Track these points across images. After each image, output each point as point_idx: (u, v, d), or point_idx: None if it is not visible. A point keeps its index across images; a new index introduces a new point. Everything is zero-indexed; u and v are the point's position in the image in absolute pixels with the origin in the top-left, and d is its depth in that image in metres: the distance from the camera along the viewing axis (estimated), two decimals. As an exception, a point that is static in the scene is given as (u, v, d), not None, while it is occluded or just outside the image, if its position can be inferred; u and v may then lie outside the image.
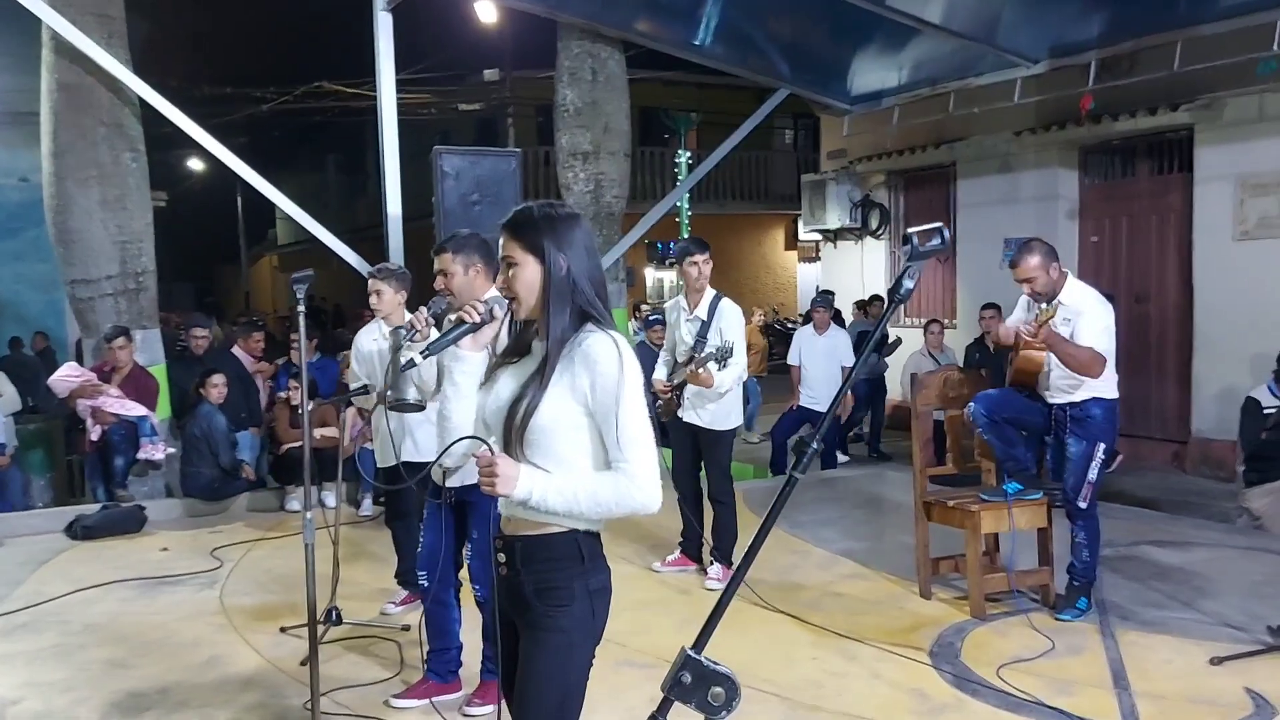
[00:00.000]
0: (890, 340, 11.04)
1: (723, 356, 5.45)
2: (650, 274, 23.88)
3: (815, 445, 1.92)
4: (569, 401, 2.30)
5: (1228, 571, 5.75)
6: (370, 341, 5.30)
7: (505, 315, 2.47)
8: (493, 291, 4.04)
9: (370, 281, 5.13)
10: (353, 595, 5.48)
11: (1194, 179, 9.36)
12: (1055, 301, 4.67)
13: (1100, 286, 9.37)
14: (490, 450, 2.28)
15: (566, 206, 2.45)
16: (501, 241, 2.41)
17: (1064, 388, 4.90)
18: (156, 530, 7.33)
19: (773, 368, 14.53)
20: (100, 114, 7.88)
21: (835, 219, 13.01)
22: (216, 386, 7.83)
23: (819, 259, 18.78)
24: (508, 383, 2.42)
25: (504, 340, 2.54)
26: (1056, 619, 4.93)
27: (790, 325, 19.85)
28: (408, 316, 4.97)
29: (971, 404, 5.02)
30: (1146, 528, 6.76)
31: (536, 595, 2.35)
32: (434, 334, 4.44)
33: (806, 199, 13.48)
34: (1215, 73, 8.38)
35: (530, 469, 2.29)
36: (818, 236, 14.30)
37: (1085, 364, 4.69)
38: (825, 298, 9.65)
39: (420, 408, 4.39)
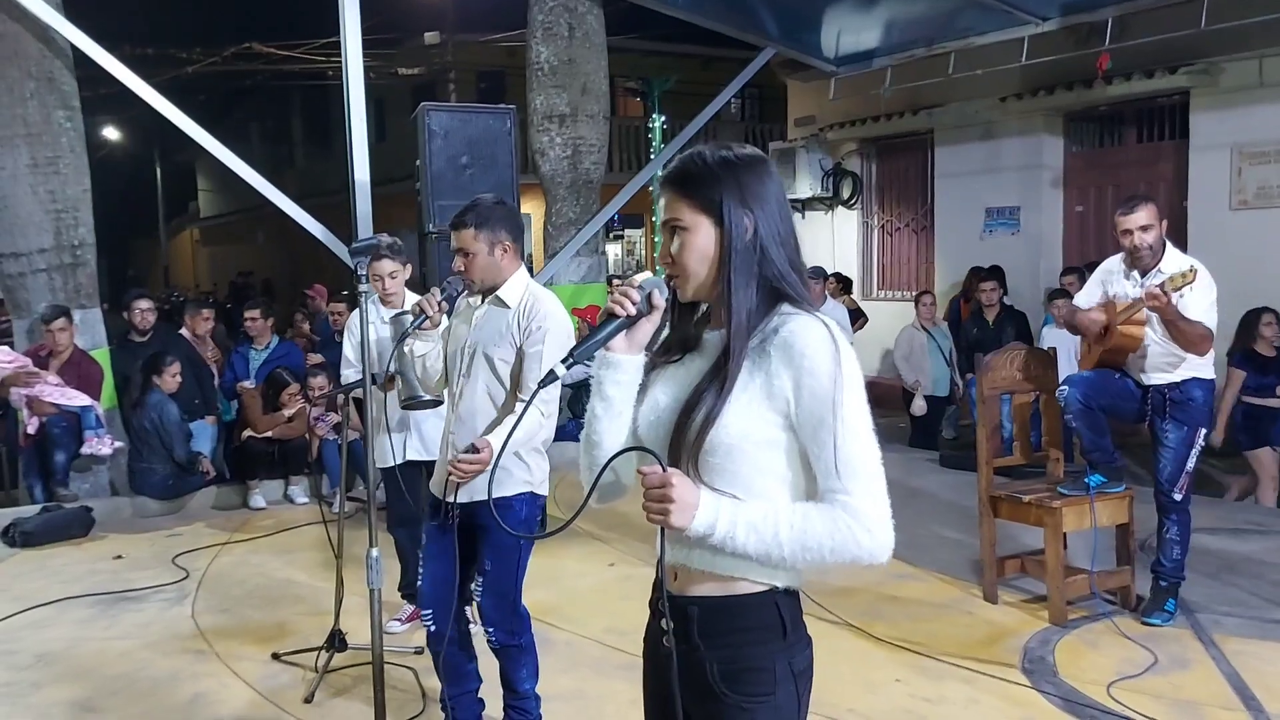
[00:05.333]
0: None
1: None
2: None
3: None
4: (763, 410, 1.70)
5: (1299, 562, 5.39)
6: (366, 325, 4.61)
7: (666, 302, 1.84)
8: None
9: (381, 263, 4.47)
10: (348, 610, 4.80)
11: (1189, 146, 9.04)
12: (1189, 266, 4.17)
13: (1086, 258, 9.23)
14: (662, 466, 1.65)
15: (748, 148, 1.81)
16: (663, 201, 1.80)
17: (1163, 366, 4.42)
18: (106, 534, 6.55)
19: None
20: (29, 66, 6.95)
21: (806, 188, 12.49)
22: (171, 375, 7.03)
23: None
24: (669, 387, 1.81)
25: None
26: (1144, 623, 4.49)
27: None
28: (412, 299, 4.34)
29: (1065, 387, 4.50)
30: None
31: (726, 680, 1.74)
32: (444, 321, 3.81)
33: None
34: (1222, 35, 8.01)
35: (713, 494, 1.68)
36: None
37: (1196, 341, 4.23)
38: (818, 270, 9.14)
39: (437, 403, 3.76)
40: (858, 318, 10.69)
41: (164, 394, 7.01)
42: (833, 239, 12.77)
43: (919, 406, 8.87)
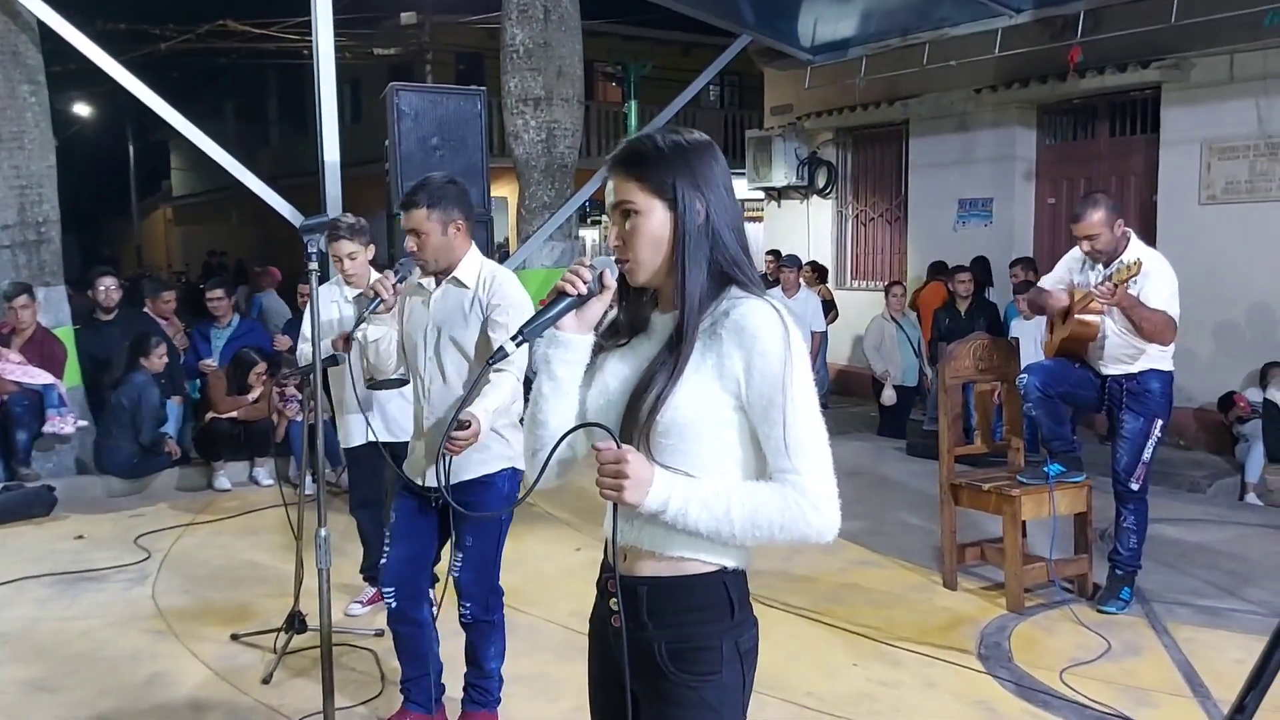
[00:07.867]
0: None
1: None
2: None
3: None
4: (714, 391, 1.71)
5: (1256, 552, 5.47)
6: (329, 305, 4.60)
7: (617, 282, 1.85)
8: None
9: (340, 244, 4.45)
10: (309, 592, 4.77)
11: (1160, 140, 9.11)
12: (1135, 259, 4.22)
13: (1058, 250, 9.29)
14: (616, 443, 1.67)
15: (696, 133, 1.83)
16: (612, 183, 1.80)
17: (1121, 358, 4.48)
18: (68, 514, 6.49)
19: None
20: (-7, 39, 6.89)
21: (781, 177, 12.52)
22: (159, 356, 6.99)
23: (755, 219, 18.35)
24: (618, 370, 1.82)
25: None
26: (1100, 611, 4.55)
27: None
28: (372, 278, 4.30)
29: (1025, 375, 4.56)
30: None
31: (674, 659, 1.76)
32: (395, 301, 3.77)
33: (751, 156, 12.96)
34: (1192, 31, 8.07)
35: (667, 472, 1.70)
36: (760, 195, 13.83)
37: (1160, 329, 4.28)
38: (792, 258, 9.17)
39: (403, 383, 3.73)
40: (829, 310, 10.73)
41: (149, 375, 6.98)
42: (807, 228, 12.79)
43: (888, 396, 8.93)
